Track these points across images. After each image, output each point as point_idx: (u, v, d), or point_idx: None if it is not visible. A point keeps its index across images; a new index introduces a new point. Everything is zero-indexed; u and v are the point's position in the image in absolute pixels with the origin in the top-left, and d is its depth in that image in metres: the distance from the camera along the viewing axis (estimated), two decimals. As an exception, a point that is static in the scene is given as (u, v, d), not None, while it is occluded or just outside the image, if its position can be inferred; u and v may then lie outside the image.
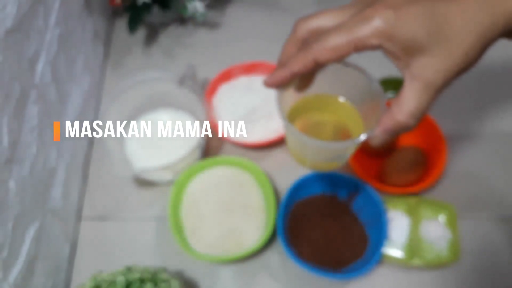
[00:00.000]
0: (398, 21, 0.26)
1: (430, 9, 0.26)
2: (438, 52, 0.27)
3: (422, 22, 0.26)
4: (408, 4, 0.26)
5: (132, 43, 0.69)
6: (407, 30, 0.26)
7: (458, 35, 0.27)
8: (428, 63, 0.27)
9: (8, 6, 0.42)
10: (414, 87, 0.28)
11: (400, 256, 0.53)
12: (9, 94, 0.42)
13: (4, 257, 0.41)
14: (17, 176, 0.43)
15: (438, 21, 0.26)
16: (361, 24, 0.27)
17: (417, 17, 0.26)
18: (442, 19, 0.26)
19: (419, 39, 0.26)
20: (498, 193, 0.57)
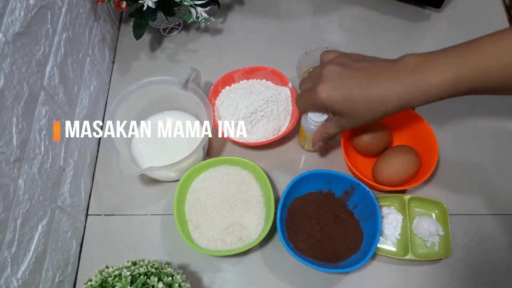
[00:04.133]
0: (327, 100, 0.43)
1: (349, 95, 0.41)
2: (348, 118, 0.44)
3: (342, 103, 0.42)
4: (336, 89, 0.42)
5: (137, 47, 0.68)
6: (333, 106, 0.43)
7: (362, 113, 0.42)
8: (342, 120, 0.45)
9: (16, 10, 0.40)
10: (332, 125, 0.47)
11: (394, 251, 0.52)
12: (18, 95, 0.41)
13: (13, 252, 0.40)
14: (26, 175, 0.42)
15: (352, 104, 0.42)
16: (309, 98, 0.45)
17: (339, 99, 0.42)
18: (355, 103, 0.42)
19: (339, 112, 0.44)
20: (488, 190, 0.57)
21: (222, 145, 0.61)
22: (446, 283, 0.51)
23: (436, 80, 0.38)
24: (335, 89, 0.42)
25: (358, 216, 0.52)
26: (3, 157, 0.38)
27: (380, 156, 0.55)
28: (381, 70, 0.41)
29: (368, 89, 0.40)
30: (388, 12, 0.72)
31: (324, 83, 0.42)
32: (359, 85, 0.41)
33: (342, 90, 0.41)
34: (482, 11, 0.72)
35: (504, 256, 0.52)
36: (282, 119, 0.58)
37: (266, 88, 0.59)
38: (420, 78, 0.38)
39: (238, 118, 0.56)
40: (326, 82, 0.42)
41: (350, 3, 0.73)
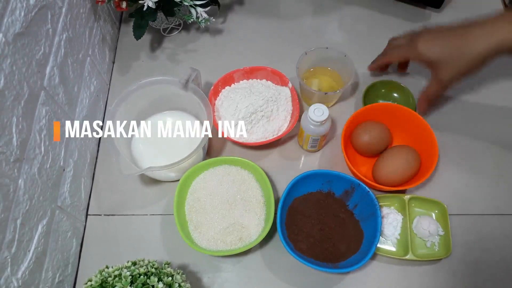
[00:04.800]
0: (426, 50, 0.50)
1: (447, 43, 0.49)
2: (446, 67, 0.50)
3: (440, 51, 0.49)
4: (434, 39, 0.50)
5: (137, 47, 0.68)
6: (431, 55, 0.50)
7: (460, 60, 0.48)
8: (441, 72, 0.50)
9: (16, 11, 0.40)
10: (433, 82, 0.52)
11: (394, 251, 0.52)
12: (18, 95, 0.41)
13: (13, 253, 0.40)
14: (26, 175, 0.42)
15: (450, 50, 0.48)
16: (410, 48, 0.52)
17: (438, 48, 0.49)
18: (452, 49, 0.48)
19: (438, 60, 0.50)
20: (488, 190, 0.57)
21: (222, 145, 0.60)
22: (446, 283, 0.51)
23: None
24: (432, 39, 0.49)
25: (358, 216, 0.52)
26: (3, 157, 0.38)
27: (380, 156, 0.55)
28: (474, 22, 0.47)
29: (465, 35, 0.46)
30: (388, 12, 0.72)
31: (422, 35, 0.50)
32: (455, 33, 0.47)
33: (439, 38, 0.48)
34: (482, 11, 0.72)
35: (504, 256, 0.52)
36: (282, 119, 0.58)
37: (266, 88, 0.59)
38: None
39: (238, 118, 0.56)
40: (424, 34, 0.50)
41: (350, 3, 0.73)
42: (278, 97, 0.58)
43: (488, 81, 0.65)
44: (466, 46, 0.46)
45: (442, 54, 0.48)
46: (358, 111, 0.56)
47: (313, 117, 0.51)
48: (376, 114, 0.56)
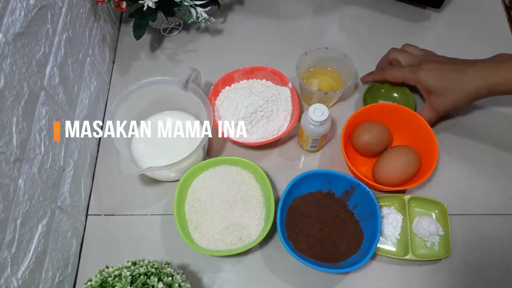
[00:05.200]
0: (426, 77, 0.53)
1: (447, 76, 0.52)
2: (443, 97, 0.53)
3: (439, 81, 0.53)
4: (435, 70, 0.53)
5: (137, 47, 0.68)
6: (431, 82, 0.53)
7: (456, 92, 0.52)
8: (436, 100, 0.54)
9: (16, 11, 0.40)
10: (427, 109, 0.56)
11: (394, 251, 0.52)
12: (18, 95, 0.41)
13: (13, 253, 0.40)
14: (26, 175, 0.42)
15: (448, 82, 0.52)
16: (411, 73, 0.55)
17: (437, 78, 0.53)
18: (450, 81, 0.52)
19: (434, 89, 0.53)
20: (488, 190, 0.57)
21: (222, 145, 0.60)
22: (446, 283, 0.51)
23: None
24: (434, 69, 0.53)
25: (358, 216, 0.52)
26: (3, 157, 0.38)
27: (380, 156, 0.55)
28: (474, 61, 0.52)
29: (463, 72, 0.51)
30: (388, 12, 0.72)
31: (425, 63, 0.54)
32: (455, 69, 0.52)
33: (440, 70, 0.52)
34: (482, 11, 0.72)
35: (504, 256, 0.52)
36: (282, 119, 0.58)
37: (266, 88, 0.59)
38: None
39: (238, 118, 0.56)
40: (427, 63, 0.54)
41: (350, 3, 0.73)
42: (278, 97, 0.58)
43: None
44: (463, 82, 0.51)
45: (441, 84, 0.52)
46: (358, 111, 0.56)
47: (313, 117, 0.51)
48: (376, 114, 0.56)
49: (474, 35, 0.70)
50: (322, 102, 0.55)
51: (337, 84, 0.62)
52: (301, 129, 0.55)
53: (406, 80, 0.56)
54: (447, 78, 0.52)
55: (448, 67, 0.52)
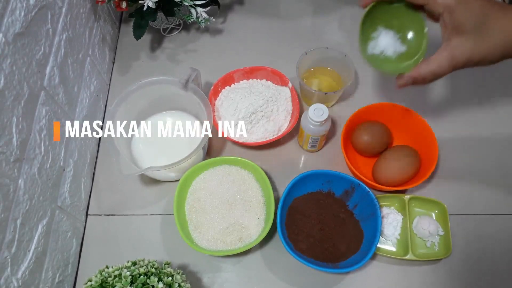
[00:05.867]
0: (461, 6, 0.35)
1: (486, 9, 0.35)
2: (473, 39, 0.35)
3: (475, 16, 0.35)
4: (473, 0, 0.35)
5: (137, 47, 0.68)
6: (463, 15, 0.35)
7: (491, 36, 0.35)
8: (462, 43, 0.36)
9: (16, 11, 0.40)
10: (443, 55, 0.37)
11: (394, 251, 0.52)
12: (18, 95, 0.41)
13: (13, 253, 0.40)
14: (26, 175, 0.42)
15: (484, 20, 0.35)
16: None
17: (473, 11, 0.35)
18: (487, 20, 0.35)
19: (466, 25, 0.35)
20: (488, 190, 0.57)
21: (222, 145, 0.60)
22: (446, 283, 0.51)
23: None
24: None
25: (358, 216, 0.52)
26: (3, 157, 0.38)
27: (380, 156, 0.55)
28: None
29: (505, 13, 0.35)
30: (388, 12, 0.72)
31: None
32: (501, 6, 0.35)
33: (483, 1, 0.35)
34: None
35: (504, 256, 0.52)
36: (282, 119, 0.58)
37: (266, 88, 0.59)
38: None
39: (238, 118, 0.56)
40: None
41: (350, 3, 0.73)
42: (278, 97, 0.58)
43: (488, 81, 0.65)
44: (507, 24, 0.35)
45: (477, 21, 0.35)
46: (358, 111, 0.56)
47: (313, 117, 0.51)
48: (376, 114, 0.57)
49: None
50: (322, 102, 0.55)
51: (337, 84, 0.62)
52: (301, 129, 0.55)
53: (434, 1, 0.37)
54: (488, 14, 0.35)
55: (492, 1, 0.36)
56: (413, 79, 0.39)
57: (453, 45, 0.37)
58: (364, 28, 0.43)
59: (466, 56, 0.36)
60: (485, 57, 0.36)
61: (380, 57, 0.43)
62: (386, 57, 0.43)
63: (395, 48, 0.43)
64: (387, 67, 0.43)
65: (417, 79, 0.39)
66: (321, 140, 0.56)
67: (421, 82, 0.39)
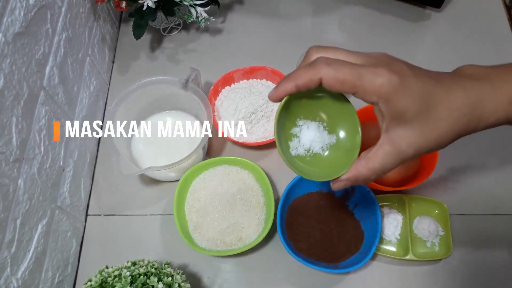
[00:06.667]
0: (399, 90, 0.27)
1: (428, 89, 0.28)
2: (418, 129, 0.28)
3: (417, 100, 0.27)
4: (412, 76, 0.27)
5: (137, 47, 0.68)
6: (402, 103, 0.27)
7: (439, 121, 0.28)
8: (406, 134, 0.29)
9: (16, 10, 0.40)
10: (385, 150, 0.30)
11: (394, 251, 0.52)
12: (18, 95, 0.40)
13: (12, 253, 0.40)
14: (26, 175, 0.42)
15: (430, 104, 0.28)
16: (370, 76, 0.27)
17: (415, 94, 0.27)
18: (433, 104, 0.28)
19: (408, 113, 0.28)
20: (488, 190, 0.57)
21: (222, 145, 0.60)
22: (446, 283, 0.51)
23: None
24: (414, 77, 0.28)
25: (358, 216, 0.52)
26: (2, 157, 0.38)
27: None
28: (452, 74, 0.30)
29: (447, 86, 0.28)
30: (388, 12, 0.72)
31: (398, 63, 0.28)
32: (437, 80, 0.28)
33: (422, 80, 0.28)
34: (482, 11, 0.72)
35: (504, 256, 0.52)
36: (282, 119, 0.58)
37: (266, 88, 0.59)
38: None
39: (238, 118, 0.56)
40: (400, 64, 0.28)
41: (350, 3, 0.73)
42: (278, 97, 0.58)
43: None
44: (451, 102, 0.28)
45: (422, 104, 0.28)
46: (358, 111, 0.56)
47: None
48: (376, 114, 0.56)
49: (474, 35, 0.70)
50: None
51: None
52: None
53: (357, 87, 0.27)
54: (431, 97, 0.28)
55: (428, 75, 0.29)
56: (352, 181, 0.32)
57: (396, 138, 0.29)
58: (279, 126, 0.33)
59: (414, 148, 0.29)
60: (437, 145, 0.29)
61: (307, 158, 0.35)
62: (315, 155, 0.35)
63: (323, 141, 0.35)
64: (316, 173, 0.34)
65: (358, 180, 0.32)
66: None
67: (362, 182, 0.32)
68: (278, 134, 0.34)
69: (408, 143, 0.29)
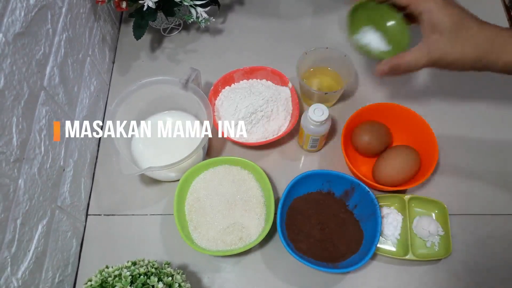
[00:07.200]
0: (440, 8, 0.40)
1: (463, 16, 0.40)
2: (447, 40, 0.40)
3: (451, 19, 0.40)
4: (453, 5, 0.41)
5: (137, 47, 0.68)
6: (440, 17, 0.40)
7: (464, 42, 0.40)
8: (437, 40, 0.40)
9: (16, 11, 0.40)
10: (419, 47, 0.42)
11: (394, 251, 0.52)
12: (18, 95, 0.41)
13: (13, 252, 0.40)
14: (26, 175, 0.42)
15: (459, 27, 0.40)
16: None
17: (451, 16, 0.40)
18: (462, 28, 0.40)
19: (442, 25, 0.40)
20: (488, 190, 0.57)
21: (222, 145, 0.60)
22: (446, 283, 0.51)
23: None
24: (453, 5, 0.41)
25: (358, 216, 0.52)
26: (3, 157, 0.38)
27: (380, 156, 0.55)
28: (490, 23, 0.41)
29: (481, 24, 0.40)
30: (388, 12, 0.72)
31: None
32: (472, 16, 0.41)
33: (457, 7, 0.41)
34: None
35: (504, 256, 0.52)
36: (282, 119, 0.58)
37: (266, 88, 0.59)
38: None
39: (238, 118, 0.56)
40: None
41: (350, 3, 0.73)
42: (278, 97, 0.58)
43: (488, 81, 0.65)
44: (480, 35, 0.39)
45: (453, 23, 0.39)
46: (358, 111, 0.56)
47: (313, 117, 0.51)
48: (376, 114, 0.57)
49: (474, 35, 0.69)
50: (322, 102, 0.55)
51: (337, 84, 0.62)
52: (301, 129, 0.55)
53: (414, 2, 0.42)
54: (465, 21, 0.40)
55: (469, 13, 0.41)
56: (389, 66, 0.43)
57: (429, 41, 0.41)
58: (353, 18, 0.47)
59: (440, 53, 0.40)
60: (457, 59, 0.40)
61: (364, 48, 0.47)
62: (370, 50, 0.47)
63: (379, 46, 0.47)
64: (370, 54, 0.47)
65: (393, 67, 0.43)
66: (321, 140, 0.56)
67: (398, 69, 0.43)
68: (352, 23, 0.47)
69: (436, 47, 0.40)
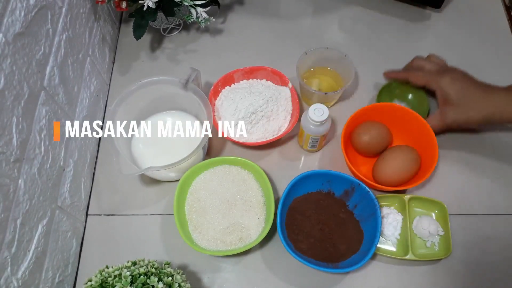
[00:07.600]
0: (448, 86, 0.53)
1: (467, 89, 0.52)
2: (456, 109, 0.53)
3: (456, 94, 0.52)
4: (459, 80, 0.53)
5: (137, 47, 0.68)
6: (448, 92, 0.53)
7: (469, 110, 0.52)
8: (448, 110, 0.54)
9: (16, 11, 0.40)
10: (436, 117, 0.55)
11: (394, 251, 0.52)
12: (18, 95, 0.41)
13: (13, 253, 0.40)
14: (26, 175, 0.42)
15: (463, 97, 0.52)
16: (435, 76, 0.55)
17: (456, 90, 0.52)
18: (466, 98, 0.52)
19: (450, 98, 0.53)
20: (488, 190, 0.57)
21: (222, 145, 0.60)
22: (446, 283, 0.51)
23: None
24: (458, 79, 0.53)
25: (358, 216, 0.52)
26: (3, 157, 0.38)
27: (380, 156, 0.55)
28: (497, 87, 0.52)
29: (485, 93, 0.51)
30: (388, 12, 0.72)
31: (451, 72, 0.54)
32: (480, 87, 0.52)
33: (465, 83, 0.53)
34: (482, 11, 0.72)
35: (504, 256, 0.52)
36: (282, 119, 0.58)
37: (266, 88, 0.59)
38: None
39: (238, 118, 0.56)
40: (453, 72, 0.54)
41: (350, 3, 0.73)
42: (278, 97, 0.58)
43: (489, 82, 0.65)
44: (483, 102, 0.51)
45: (460, 96, 0.52)
46: (358, 111, 0.56)
47: (313, 117, 0.51)
48: (376, 114, 0.57)
49: (474, 35, 0.70)
50: (322, 102, 0.55)
51: (337, 84, 0.62)
52: (301, 129, 0.55)
53: (428, 83, 0.55)
54: (468, 92, 0.51)
55: (473, 83, 0.52)
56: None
57: (443, 111, 0.54)
58: (381, 98, 0.61)
59: (451, 119, 0.53)
60: (465, 122, 0.53)
61: None
62: None
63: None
64: None
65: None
66: (321, 140, 0.56)
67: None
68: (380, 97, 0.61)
69: (447, 115, 0.54)
